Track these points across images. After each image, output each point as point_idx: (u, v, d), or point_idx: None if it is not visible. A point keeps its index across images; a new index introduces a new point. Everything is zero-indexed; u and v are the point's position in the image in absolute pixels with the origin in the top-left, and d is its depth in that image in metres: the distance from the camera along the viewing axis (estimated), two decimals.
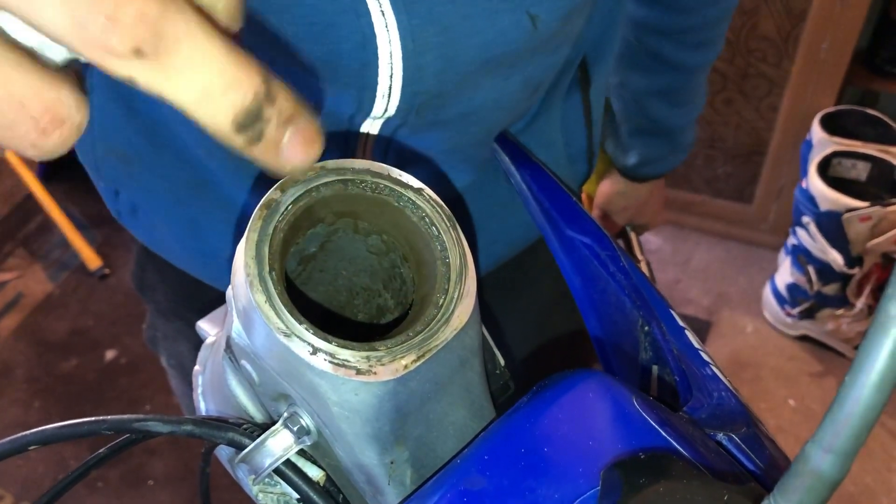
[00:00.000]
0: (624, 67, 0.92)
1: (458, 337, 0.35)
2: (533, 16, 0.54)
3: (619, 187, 1.07)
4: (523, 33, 0.54)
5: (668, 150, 0.99)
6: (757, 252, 2.30)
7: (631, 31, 0.88)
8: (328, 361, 0.32)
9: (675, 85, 0.91)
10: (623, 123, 0.98)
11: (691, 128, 0.99)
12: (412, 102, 0.56)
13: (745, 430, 0.42)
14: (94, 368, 2.15)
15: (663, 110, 0.94)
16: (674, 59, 0.88)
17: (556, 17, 0.55)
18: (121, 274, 2.36)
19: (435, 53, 0.53)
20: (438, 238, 0.36)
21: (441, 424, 0.37)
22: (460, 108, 0.59)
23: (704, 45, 0.88)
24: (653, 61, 0.89)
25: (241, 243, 0.34)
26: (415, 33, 0.51)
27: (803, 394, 2.00)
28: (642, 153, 1.00)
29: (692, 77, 0.91)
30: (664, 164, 1.02)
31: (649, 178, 1.04)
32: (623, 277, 0.55)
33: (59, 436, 0.40)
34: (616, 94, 0.96)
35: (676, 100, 0.93)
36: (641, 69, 0.91)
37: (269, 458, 0.39)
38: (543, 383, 0.38)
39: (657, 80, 0.91)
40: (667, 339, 0.50)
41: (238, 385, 0.43)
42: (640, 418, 0.36)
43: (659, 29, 0.86)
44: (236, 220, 0.67)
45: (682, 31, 0.86)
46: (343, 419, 0.34)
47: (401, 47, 0.52)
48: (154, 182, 0.68)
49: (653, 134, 0.97)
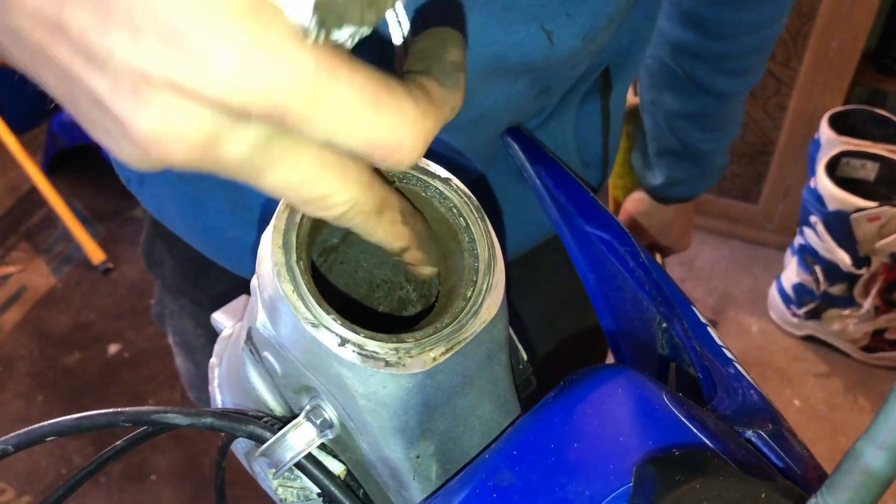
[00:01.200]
0: (657, 87, 0.91)
1: (487, 330, 0.35)
2: (548, 31, 0.53)
3: (643, 207, 1.05)
4: (538, 47, 0.54)
5: (695, 174, 0.97)
6: (762, 252, 2.29)
7: (667, 52, 0.87)
8: (356, 353, 0.32)
9: (708, 110, 0.89)
10: (652, 142, 0.96)
11: (722, 153, 0.96)
12: None
13: (772, 427, 0.42)
14: (96, 363, 2.14)
15: (694, 134, 0.92)
16: (708, 84, 0.86)
17: (574, 36, 0.54)
18: (124, 268, 2.35)
19: None
20: (466, 229, 0.36)
21: (467, 418, 0.36)
22: (470, 114, 0.58)
23: (741, 72, 0.86)
24: (686, 84, 0.87)
25: (267, 232, 0.33)
26: None
27: (808, 394, 2.00)
28: (668, 174, 0.97)
29: (726, 103, 0.89)
30: (690, 188, 0.99)
31: (674, 200, 1.02)
32: (643, 273, 0.54)
33: (76, 427, 0.40)
34: (648, 112, 0.95)
35: (708, 125, 0.91)
36: (675, 90, 0.89)
37: (291, 452, 0.38)
38: (571, 378, 0.37)
39: (690, 104, 0.89)
40: (689, 335, 0.49)
41: (258, 377, 0.42)
42: (671, 414, 0.35)
43: (695, 53, 0.84)
44: (238, 201, 0.67)
45: (718, 58, 0.84)
46: (369, 412, 0.34)
47: None
48: None
49: (681, 156, 0.95)
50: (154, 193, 0.72)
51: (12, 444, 0.39)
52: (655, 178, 0.99)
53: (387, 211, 0.32)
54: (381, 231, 0.33)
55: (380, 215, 0.32)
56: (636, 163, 1.02)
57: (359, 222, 0.32)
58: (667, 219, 1.05)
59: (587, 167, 0.75)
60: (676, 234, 1.09)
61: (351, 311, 0.46)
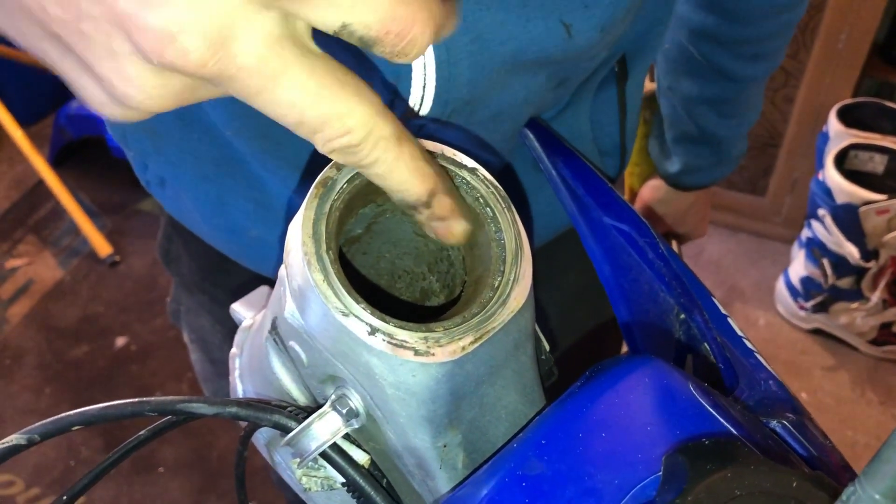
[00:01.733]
0: (675, 71, 0.89)
1: (514, 320, 0.35)
2: (567, 24, 0.53)
3: (660, 194, 1.04)
4: (557, 40, 0.53)
5: (713, 161, 0.96)
6: (770, 245, 2.29)
7: (685, 36, 0.86)
8: (386, 342, 0.32)
9: (727, 95, 0.88)
10: (669, 128, 0.95)
11: (741, 140, 0.95)
12: (443, 110, 0.55)
13: (794, 417, 0.42)
14: (104, 356, 2.15)
15: (712, 119, 0.91)
16: (727, 68, 0.85)
17: (592, 27, 0.54)
18: (131, 261, 2.36)
19: (468, 62, 0.52)
20: (494, 219, 0.36)
21: (494, 408, 0.36)
22: (490, 110, 0.58)
23: (761, 57, 0.85)
24: (705, 69, 0.86)
25: (296, 221, 0.33)
26: (448, 43, 0.51)
27: (816, 387, 2.00)
28: (685, 161, 0.96)
29: (745, 89, 0.88)
30: (707, 175, 0.98)
31: (691, 187, 1.01)
32: (663, 265, 0.54)
33: (103, 416, 0.40)
34: (665, 98, 0.94)
35: (726, 110, 0.90)
36: (693, 75, 0.88)
37: (316, 442, 0.38)
38: (597, 368, 0.37)
39: (708, 89, 0.88)
40: (710, 326, 0.49)
41: (282, 367, 0.42)
42: (698, 404, 0.35)
43: (714, 37, 0.83)
44: (261, 199, 0.67)
45: (738, 42, 0.83)
46: (397, 401, 0.34)
47: (434, 58, 0.51)
48: (181, 157, 0.68)
49: (698, 142, 0.94)
50: (175, 195, 0.72)
51: (38, 434, 0.39)
52: (673, 165, 0.98)
53: (406, 142, 0.31)
54: (404, 167, 0.31)
55: (400, 145, 0.31)
56: (653, 150, 1.01)
57: (379, 154, 0.30)
58: (684, 206, 1.05)
59: (604, 156, 0.75)
60: (693, 222, 1.08)
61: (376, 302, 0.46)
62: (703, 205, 1.07)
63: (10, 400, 2.04)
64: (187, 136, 0.66)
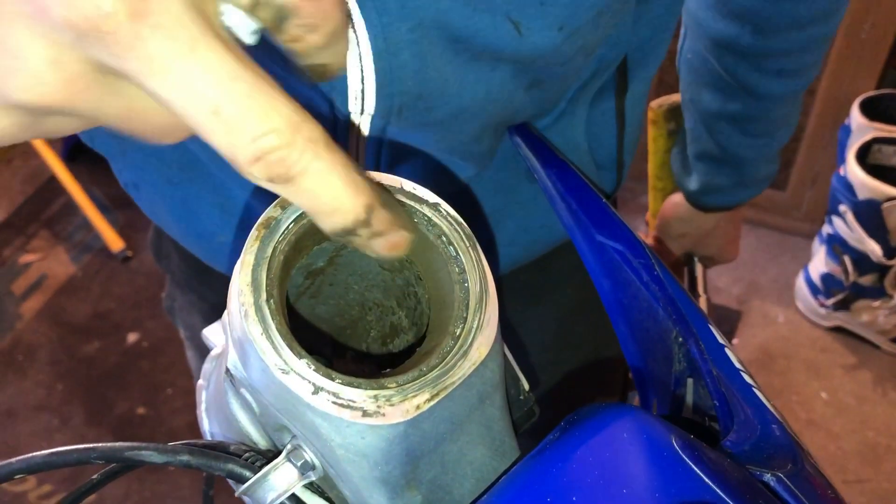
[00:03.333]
0: (696, 83, 0.82)
1: (478, 371, 0.32)
2: (515, 21, 0.49)
3: (680, 212, 0.96)
4: (504, 37, 0.50)
5: (735, 182, 0.88)
6: (790, 240, 2.23)
7: (706, 46, 0.79)
8: (331, 402, 0.29)
9: (751, 112, 0.80)
10: (691, 143, 0.88)
11: (767, 162, 0.86)
12: (390, 104, 0.52)
13: (793, 466, 0.38)
14: (115, 351, 2.14)
15: (734, 138, 0.83)
16: (750, 84, 0.77)
17: (547, 26, 0.50)
18: (143, 256, 2.35)
19: (410, 51, 0.49)
20: (456, 259, 0.33)
21: (458, 465, 0.33)
22: (448, 108, 0.54)
23: (786, 74, 0.77)
24: (727, 83, 0.79)
25: (237, 267, 0.31)
26: (386, 31, 0.47)
27: (836, 387, 1.95)
28: (704, 180, 0.89)
29: (772, 107, 0.80)
30: (728, 197, 0.90)
31: (711, 208, 0.92)
32: (658, 288, 0.51)
33: (47, 464, 0.38)
34: (688, 111, 0.87)
35: (750, 129, 0.82)
36: (714, 89, 0.81)
37: (273, 493, 0.35)
38: (571, 419, 0.34)
39: (729, 103, 0.80)
40: (705, 358, 0.46)
41: (240, 409, 0.39)
42: (681, 463, 0.32)
43: (736, 48, 0.76)
44: (226, 205, 0.65)
45: (761, 55, 0.75)
46: (348, 462, 0.31)
47: (370, 47, 0.48)
48: (146, 161, 0.67)
49: (719, 161, 0.86)
50: (149, 198, 0.70)
51: None
52: (692, 182, 0.91)
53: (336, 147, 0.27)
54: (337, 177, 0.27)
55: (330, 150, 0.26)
56: (675, 164, 0.94)
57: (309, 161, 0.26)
58: (706, 227, 0.96)
59: (601, 169, 0.71)
60: (719, 244, 0.99)
61: (342, 337, 0.43)
62: (732, 226, 0.97)
63: (22, 396, 2.05)
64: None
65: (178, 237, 0.72)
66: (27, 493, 1.87)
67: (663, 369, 0.53)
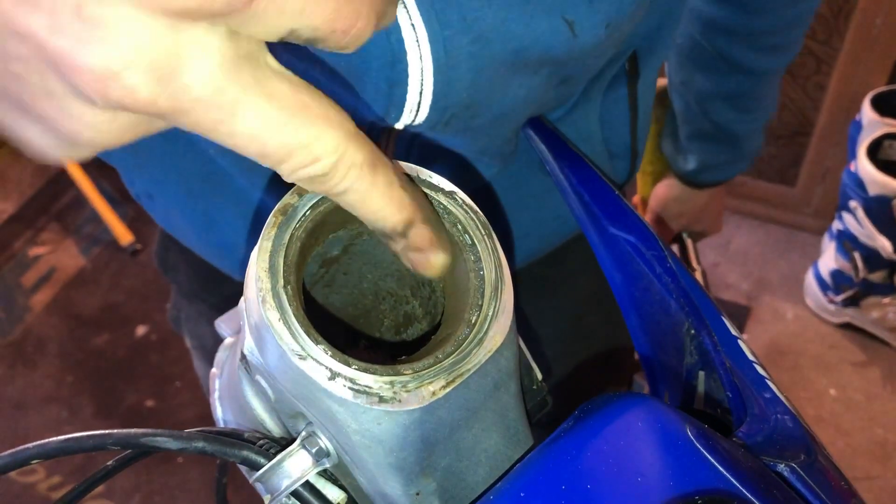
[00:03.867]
0: (688, 66, 0.86)
1: (493, 359, 0.32)
2: (570, 21, 0.49)
3: (675, 192, 1.00)
4: (561, 38, 0.50)
5: (730, 157, 0.92)
6: (799, 236, 2.23)
7: (698, 29, 0.82)
8: (348, 388, 0.29)
9: (743, 89, 0.84)
10: (683, 125, 0.92)
11: (757, 135, 0.91)
12: (441, 116, 0.52)
13: (806, 457, 0.38)
14: (125, 344, 2.15)
15: (728, 115, 0.87)
16: (743, 61, 0.81)
17: (597, 24, 0.50)
18: (152, 250, 2.35)
19: (468, 64, 0.48)
20: (472, 248, 0.33)
21: (472, 453, 0.33)
22: (491, 113, 0.54)
23: (778, 48, 0.81)
24: (720, 63, 0.82)
25: (254, 253, 0.31)
26: (447, 45, 0.47)
27: (845, 383, 1.94)
28: (701, 158, 0.93)
29: (762, 82, 0.84)
30: (724, 172, 0.95)
31: (708, 184, 0.97)
32: (671, 280, 0.51)
33: (63, 449, 0.38)
34: (678, 94, 0.90)
35: (743, 105, 0.86)
36: (707, 70, 0.84)
37: (287, 480, 0.36)
38: (586, 407, 0.34)
39: (723, 83, 0.84)
40: (718, 350, 0.46)
41: (255, 397, 0.40)
42: (695, 452, 0.32)
43: (729, 29, 0.79)
44: (251, 215, 0.64)
45: (754, 33, 0.79)
46: (364, 448, 0.31)
47: (432, 61, 0.48)
48: (166, 174, 0.66)
49: (714, 139, 0.90)
50: (164, 209, 0.70)
51: None
52: (688, 163, 0.95)
53: (381, 168, 0.29)
54: (378, 195, 0.29)
55: (374, 171, 0.29)
56: (667, 148, 0.98)
57: (351, 182, 0.28)
58: (700, 204, 1.01)
59: (615, 158, 0.71)
60: (710, 219, 1.05)
61: (355, 326, 0.43)
62: (719, 200, 1.04)
63: (32, 388, 2.06)
64: (171, 151, 0.64)
65: (197, 248, 0.71)
66: (36, 485, 1.88)
67: (674, 361, 0.53)
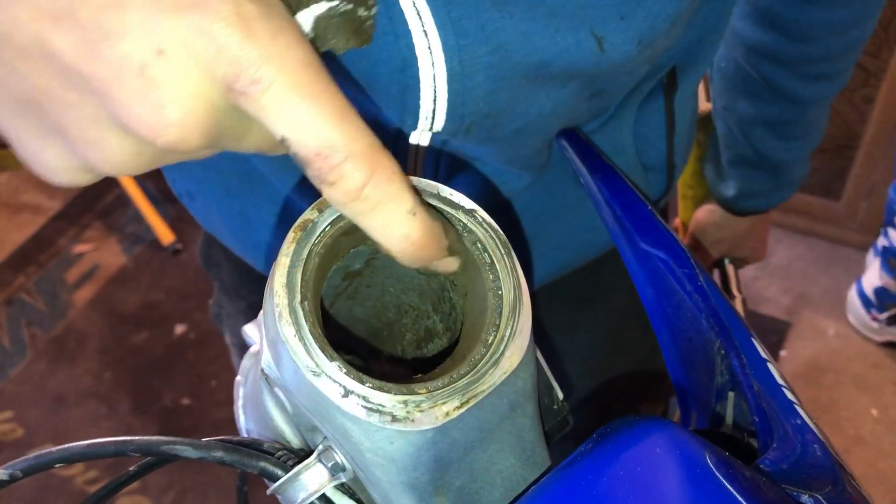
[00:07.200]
0: (731, 91, 0.83)
1: (509, 380, 0.31)
2: (599, 37, 0.48)
3: (715, 218, 0.97)
4: (587, 54, 0.49)
5: (772, 185, 0.89)
6: (843, 251, 2.18)
7: (742, 55, 0.79)
8: (361, 406, 0.29)
9: (787, 117, 0.81)
10: (725, 150, 0.89)
11: (802, 163, 0.88)
12: (460, 123, 0.51)
13: (832, 489, 0.37)
14: (163, 342, 2.18)
15: (770, 142, 0.84)
16: (788, 89, 0.78)
17: (628, 41, 0.49)
18: (193, 249, 2.39)
19: (486, 74, 0.48)
20: (491, 267, 0.33)
21: (487, 473, 0.33)
22: (515, 124, 0.54)
23: (825, 77, 0.78)
24: (763, 89, 0.80)
25: (273, 268, 0.31)
26: (462, 54, 0.47)
27: (887, 403, 1.90)
28: (741, 185, 0.90)
29: (807, 110, 0.81)
30: (765, 200, 0.92)
31: (749, 212, 0.94)
32: (701, 299, 0.50)
33: (85, 454, 0.38)
34: (720, 118, 0.87)
35: (786, 132, 0.83)
36: (750, 96, 0.81)
37: (303, 493, 0.36)
38: (604, 431, 0.34)
39: (766, 110, 0.81)
40: (747, 372, 0.45)
41: (275, 408, 0.40)
42: (713, 480, 0.31)
43: (773, 55, 0.76)
44: (284, 216, 0.65)
45: (800, 61, 0.76)
46: (377, 466, 0.31)
47: (445, 69, 0.47)
48: (205, 173, 0.67)
49: (756, 166, 0.87)
50: (204, 208, 0.71)
51: (21, 470, 0.38)
52: (728, 188, 0.92)
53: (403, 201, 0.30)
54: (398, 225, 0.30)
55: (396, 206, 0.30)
56: (708, 172, 0.95)
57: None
58: (740, 231, 0.98)
59: (650, 171, 0.70)
60: (751, 246, 1.01)
61: (379, 338, 0.43)
62: (762, 227, 1.00)
63: (72, 382, 2.10)
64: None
65: (234, 247, 0.72)
66: (74, 478, 1.92)
67: (705, 380, 0.52)
